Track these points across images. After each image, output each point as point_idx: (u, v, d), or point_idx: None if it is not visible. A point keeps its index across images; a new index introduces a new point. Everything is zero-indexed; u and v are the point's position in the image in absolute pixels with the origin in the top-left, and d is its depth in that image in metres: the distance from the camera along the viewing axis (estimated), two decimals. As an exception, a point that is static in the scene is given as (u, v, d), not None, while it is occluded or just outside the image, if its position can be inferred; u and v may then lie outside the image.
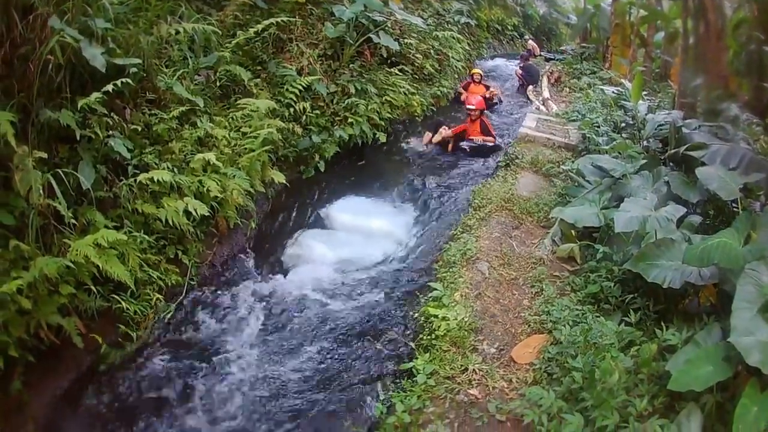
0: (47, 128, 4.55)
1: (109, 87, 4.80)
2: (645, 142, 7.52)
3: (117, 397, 4.21)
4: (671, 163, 6.54)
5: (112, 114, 5.03)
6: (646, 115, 8.14)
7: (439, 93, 11.48)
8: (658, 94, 10.24)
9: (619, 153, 7.12)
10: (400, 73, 10.21)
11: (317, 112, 7.96)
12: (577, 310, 4.39)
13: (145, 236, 4.87)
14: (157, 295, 4.85)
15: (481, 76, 12.23)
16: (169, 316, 4.89)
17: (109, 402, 4.16)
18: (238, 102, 6.67)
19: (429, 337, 4.34)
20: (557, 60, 16.89)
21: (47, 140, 4.56)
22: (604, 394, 3.19)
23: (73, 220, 4.40)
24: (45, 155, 4.29)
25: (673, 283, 3.88)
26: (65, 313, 4.18)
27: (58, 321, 4.06)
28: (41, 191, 4.11)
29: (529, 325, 4.45)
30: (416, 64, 10.98)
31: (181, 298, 5.05)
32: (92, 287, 4.31)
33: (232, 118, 6.52)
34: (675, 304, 4.23)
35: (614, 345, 3.61)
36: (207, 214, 5.29)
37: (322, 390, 4.39)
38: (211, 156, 5.49)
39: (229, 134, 6.25)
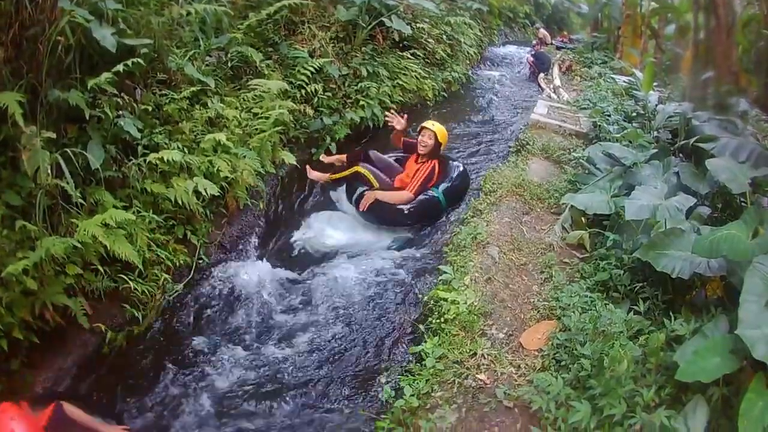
0: (56, 108, 4.39)
1: (120, 67, 4.63)
2: (655, 133, 7.36)
3: (121, 378, 4.09)
4: (681, 154, 6.55)
5: (122, 94, 4.87)
6: (656, 105, 8.00)
7: (450, 78, 11.18)
8: (668, 86, 9.98)
9: (630, 142, 6.99)
10: (412, 57, 9.95)
11: (329, 94, 7.75)
12: (586, 297, 4.23)
13: (154, 216, 4.72)
14: (165, 275, 4.70)
15: None
16: (176, 296, 4.76)
17: (114, 383, 4.03)
18: (249, 83, 6.49)
19: (438, 320, 4.17)
20: (568, 49, 16.60)
21: (56, 120, 4.39)
22: (612, 382, 3.05)
23: (81, 200, 4.25)
24: (53, 135, 4.14)
25: (682, 273, 3.78)
26: (71, 294, 4.04)
27: (64, 302, 3.92)
28: (49, 171, 3.98)
29: (538, 311, 4.34)
30: (428, 49, 10.69)
31: (189, 278, 4.91)
32: (99, 267, 4.16)
33: (244, 98, 6.35)
34: (683, 295, 4.11)
35: (623, 333, 3.50)
36: (217, 194, 5.14)
37: (330, 372, 4.29)
38: (221, 136, 5.33)
39: (240, 115, 6.09)
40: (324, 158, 7.25)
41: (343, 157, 6.95)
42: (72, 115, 4.52)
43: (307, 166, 6.92)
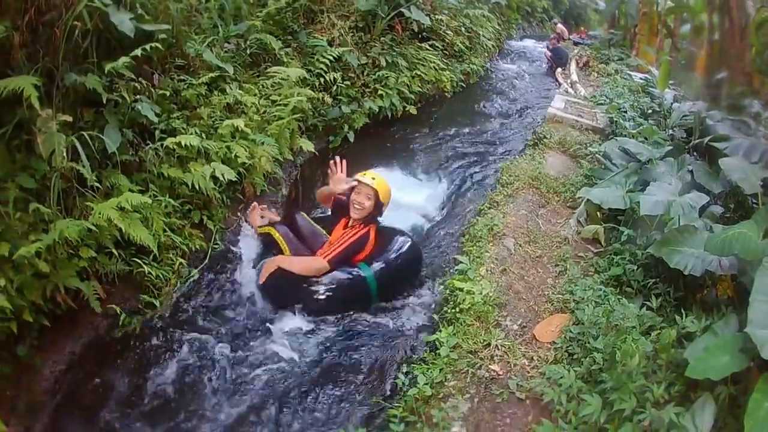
0: (73, 92, 4.21)
1: (138, 51, 4.43)
2: (670, 131, 7.24)
3: (133, 363, 3.93)
4: (695, 153, 6.45)
5: (140, 79, 4.70)
6: (672, 104, 7.92)
7: (469, 70, 10.96)
8: (683, 85, 9.77)
9: (646, 138, 6.82)
10: (431, 49, 9.76)
11: (347, 83, 7.56)
12: (600, 291, 4.08)
13: (171, 200, 4.56)
14: (180, 260, 4.52)
15: None
16: (191, 281, 4.57)
17: (125, 368, 3.86)
18: (268, 70, 6.29)
19: (453, 310, 4.02)
20: (585, 45, 16.29)
21: (72, 104, 4.22)
22: (624, 377, 2.94)
23: (96, 184, 4.09)
24: (70, 119, 3.93)
25: (694, 270, 3.69)
26: (84, 277, 3.88)
27: (77, 285, 3.75)
28: (65, 154, 3.80)
29: (552, 304, 4.20)
30: (447, 41, 10.47)
31: (204, 263, 4.73)
32: (114, 251, 4.00)
33: (262, 85, 6.15)
34: (694, 293, 4.01)
35: (635, 328, 3.40)
36: (234, 179, 4.97)
37: (344, 358, 4.12)
38: (240, 122, 5.16)
39: (258, 101, 5.89)
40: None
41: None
42: (89, 99, 4.35)
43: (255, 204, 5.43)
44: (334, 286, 4.50)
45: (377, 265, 4.64)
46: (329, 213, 5.39)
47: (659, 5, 14.43)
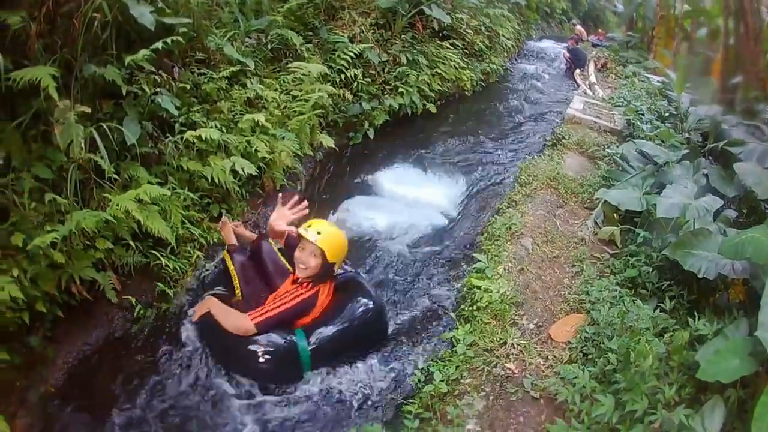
0: (92, 84, 4.09)
1: (159, 44, 4.33)
2: (687, 134, 7.16)
3: (148, 355, 3.79)
4: (710, 157, 6.40)
5: (160, 72, 4.58)
6: (688, 107, 7.80)
7: (489, 69, 10.74)
8: (699, 89, 9.66)
9: (663, 141, 6.75)
10: (451, 47, 9.55)
11: (368, 79, 7.41)
12: (615, 292, 4.02)
13: (189, 193, 4.44)
14: (198, 253, 4.41)
15: None
16: (208, 274, 4.45)
17: (140, 360, 3.72)
18: (289, 65, 6.17)
19: (470, 308, 3.97)
20: (603, 46, 16.03)
21: (91, 96, 4.09)
22: (637, 377, 2.90)
23: (114, 175, 3.98)
24: (88, 110, 3.82)
25: (708, 273, 3.63)
26: (100, 269, 3.76)
27: (93, 275, 3.64)
28: (83, 145, 3.68)
29: (568, 304, 4.12)
30: (467, 39, 10.25)
31: (221, 256, 4.56)
32: (131, 242, 3.88)
33: (283, 80, 6.03)
34: (707, 296, 3.94)
35: (649, 330, 3.35)
36: (254, 173, 4.85)
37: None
38: (260, 117, 5.03)
39: (279, 96, 5.76)
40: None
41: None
42: (108, 91, 4.23)
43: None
44: (274, 354, 3.61)
45: (318, 334, 3.69)
46: None
47: (676, 9, 14.26)
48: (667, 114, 8.47)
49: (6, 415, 3.05)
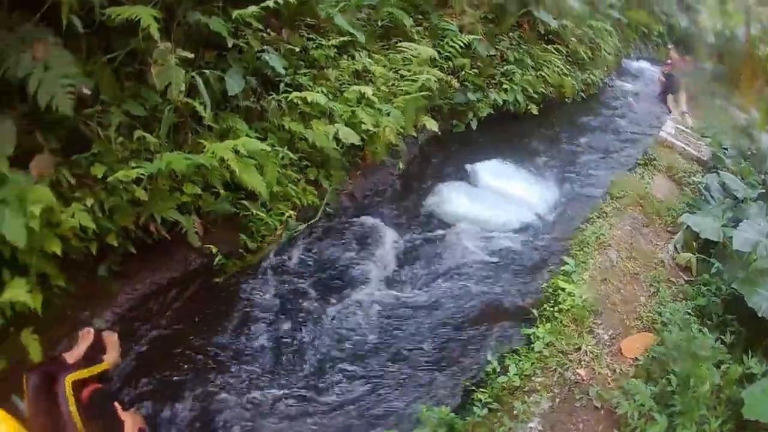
0: (196, 31, 3.64)
1: (270, 2, 3.81)
2: (763, 176, 6.64)
3: (221, 305, 3.33)
4: None
5: (268, 30, 4.12)
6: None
7: (589, 80, 9.74)
8: None
9: (743, 177, 6.37)
10: (555, 52, 8.68)
11: (475, 71, 6.66)
12: (685, 317, 3.83)
13: (288, 153, 3.92)
14: (290, 212, 3.88)
15: None
16: (297, 235, 3.92)
17: (209, 310, 3.26)
18: (398, 45, 5.56)
19: (552, 308, 3.75)
20: (693, 75, 14.84)
21: (194, 43, 3.65)
22: (693, 403, 2.86)
23: (213, 124, 3.50)
24: (191, 55, 3.36)
25: (766, 313, 3.50)
26: (184, 212, 3.29)
27: (176, 217, 3.19)
28: (182, 88, 3.20)
29: (641, 321, 3.92)
30: (570, 47, 9.35)
31: (314, 220, 4.07)
32: (221, 191, 3.40)
33: (392, 58, 5.43)
34: (764, 336, 3.68)
35: (709, 359, 3.20)
36: (358, 143, 4.35)
37: (439, 336, 3.69)
38: (368, 90, 4.51)
39: (387, 73, 5.19)
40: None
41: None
42: (212, 42, 3.78)
43: None
44: None
45: None
46: None
47: (761, 50, 13.09)
48: (748, 152, 7.72)
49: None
